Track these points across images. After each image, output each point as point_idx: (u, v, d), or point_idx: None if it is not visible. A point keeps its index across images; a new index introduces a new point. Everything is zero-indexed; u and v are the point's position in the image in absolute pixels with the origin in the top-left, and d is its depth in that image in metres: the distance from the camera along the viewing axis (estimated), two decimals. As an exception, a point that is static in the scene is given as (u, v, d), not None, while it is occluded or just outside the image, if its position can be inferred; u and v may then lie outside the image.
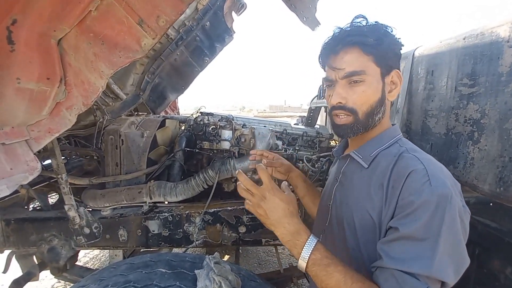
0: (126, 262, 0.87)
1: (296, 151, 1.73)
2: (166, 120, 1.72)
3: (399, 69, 0.73)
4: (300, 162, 1.62)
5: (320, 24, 1.23)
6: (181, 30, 1.96)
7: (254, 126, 1.48)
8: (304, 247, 0.62)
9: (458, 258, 0.56)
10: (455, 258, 0.55)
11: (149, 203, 1.37)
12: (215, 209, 1.36)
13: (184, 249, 1.39)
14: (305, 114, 2.48)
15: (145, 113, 2.06)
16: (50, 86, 0.96)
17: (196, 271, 0.78)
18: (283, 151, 1.60)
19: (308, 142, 2.06)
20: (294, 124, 2.29)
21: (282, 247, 1.85)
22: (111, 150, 1.40)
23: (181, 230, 1.36)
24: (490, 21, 0.93)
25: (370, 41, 0.66)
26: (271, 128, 1.54)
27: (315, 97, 2.40)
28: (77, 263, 1.55)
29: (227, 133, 1.54)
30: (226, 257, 2.76)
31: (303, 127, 2.23)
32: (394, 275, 0.54)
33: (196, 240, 1.35)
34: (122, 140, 1.39)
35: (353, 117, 0.70)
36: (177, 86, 2.20)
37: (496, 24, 0.89)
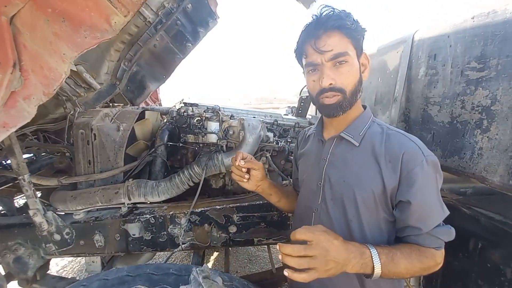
0: (99, 277, 0.74)
1: (288, 143, 1.62)
2: (146, 111, 1.57)
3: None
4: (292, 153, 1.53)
5: (315, 0, 1.11)
6: (160, 13, 1.77)
7: (243, 117, 1.36)
8: (374, 261, 0.65)
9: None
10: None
11: (128, 204, 1.24)
12: (203, 209, 1.25)
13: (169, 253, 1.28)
14: (294, 105, 2.40)
15: (122, 104, 1.89)
16: (1, 72, 0.82)
17: None
18: (274, 143, 1.49)
19: (299, 133, 1.97)
20: (284, 115, 2.19)
21: (274, 246, 1.76)
22: (82, 146, 1.24)
23: (165, 232, 1.24)
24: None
25: (348, 24, 0.73)
26: (261, 119, 1.43)
27: (305, 86, 2.30)
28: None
29: (213, 125, 1.42)
30: (215, 254, 2.67)
31: (294, 117, 2.14)
32: (430, 233, 0.70)
33: (182, 243, 1.23)
34: (94, 134, 1.24)
35: (342, 96, 0.75)
36: (158, 74, 2.03)
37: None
